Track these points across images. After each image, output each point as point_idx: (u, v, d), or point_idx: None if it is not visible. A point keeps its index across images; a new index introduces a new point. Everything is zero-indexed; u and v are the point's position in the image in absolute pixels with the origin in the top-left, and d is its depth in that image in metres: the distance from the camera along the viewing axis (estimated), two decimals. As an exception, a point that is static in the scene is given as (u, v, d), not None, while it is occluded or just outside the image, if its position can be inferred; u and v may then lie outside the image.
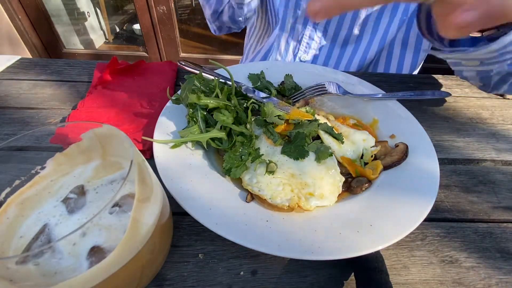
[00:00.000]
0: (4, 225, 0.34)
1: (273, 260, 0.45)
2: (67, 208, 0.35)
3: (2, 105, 0.70)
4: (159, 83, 0.76)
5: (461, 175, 0.60)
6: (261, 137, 0.56)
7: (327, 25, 0.96)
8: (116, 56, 0.80)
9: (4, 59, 0.84)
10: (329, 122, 0.59)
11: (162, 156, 0.51)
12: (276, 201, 0.46)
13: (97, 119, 0.63)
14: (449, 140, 0.68)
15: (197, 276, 0.42)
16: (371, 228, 0.42)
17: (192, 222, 0.47)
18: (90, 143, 0.39)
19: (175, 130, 0.57)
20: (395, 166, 0.53)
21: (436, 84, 0.87)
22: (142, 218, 0.31)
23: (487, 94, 0.84)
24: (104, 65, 0.79)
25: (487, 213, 0.53)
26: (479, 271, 0.45)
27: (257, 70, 0.72)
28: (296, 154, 0.51)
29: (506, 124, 0.74)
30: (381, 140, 0.60)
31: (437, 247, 0.47)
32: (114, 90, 0.73)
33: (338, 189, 0.49)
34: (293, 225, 0.43)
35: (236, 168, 0.50)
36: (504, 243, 0.49)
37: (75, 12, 2.79)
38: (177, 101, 0.60)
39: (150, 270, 0.38)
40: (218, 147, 0.55)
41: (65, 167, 0.40)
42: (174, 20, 2.52)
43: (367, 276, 0.40)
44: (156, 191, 0.35)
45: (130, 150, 0.31)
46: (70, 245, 0.27)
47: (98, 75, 0.77)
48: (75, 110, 0.66)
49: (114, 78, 0.76)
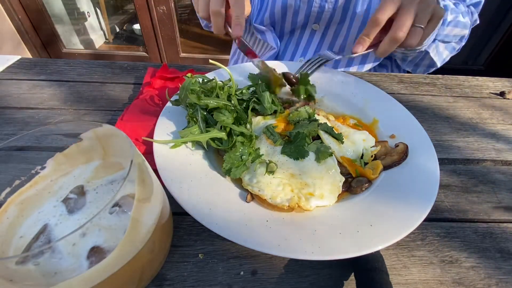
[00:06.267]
0: (4, 225, 0.34)
1: (273, 260, 0.45)
2: (67, 208, 0.35)
3: (2, 105, 0.70)
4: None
5: (461, 175, 0.60)
6: (261, 137, 0.56)
7: (323, 36, 0.95)
8: (151, 66, 0.77)
9: (4, 59, 0.84)
10: (329, 122, 0.59)
11: (162, 156, 0.51)
12: (276, 201, 0.46)
13: (139, 133, 0.60)
14: (449, 140, 0.68)
15: (197, 276, 0.42)
16: (371, 228, 0.42)
17: (192, 222, 0.47)
18: (90, 143, 0.39)
19: (175, 130, 0.57)
20: (395, 166, 0.53)
21: (436, 84, 0.87)
22: (142, 218, 0.31)
23: (487, 94, 0.84)
24: (154, 70, 0.79)
25: (487, 213, 0.53)
26: (479, 271, 0.45)
27: (257, 70, 0.72)
28: (296, 154, 0.51)
29: (506, 124, 0.74)
30: (381, 140, 0.60)
31: (437, 247, 0.47)
32: (152, 100, 0.70)
33: (338, 189, 0.49)
34: (293, 225, 0.43)
35: (236, 168, 0.50)
36: (504, 243, 0.49)
37: (75, 12, 2.79)
38: (177, 102, 0.60)
39: (150, 270, 0.38)
40: (218, 147, 0.55)
41: (65, 167, 0.40)
42: (174, 20, 2.52)
43: (367, 276, 0.40)
44: (156, 191, 0.35)
45: (130, 150, 0.31)
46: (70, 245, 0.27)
47: (147, 80, 0.76)
48: (120, 121, 0.64)
49: (160, 86, 0.75)
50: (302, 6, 0.89)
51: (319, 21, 0.92)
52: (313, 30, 0.96)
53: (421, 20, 0.62)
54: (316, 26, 0.94)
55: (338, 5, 0.86)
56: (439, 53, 0.87)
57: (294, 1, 0.88)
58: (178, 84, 0.76)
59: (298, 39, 0.99)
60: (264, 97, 0.61)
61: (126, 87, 0.78)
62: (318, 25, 0.93)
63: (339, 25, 0.92)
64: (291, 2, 0.88)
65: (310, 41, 0.98)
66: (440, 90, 0.85)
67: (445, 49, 0.88)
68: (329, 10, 0.88)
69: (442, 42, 0.84)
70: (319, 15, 0.90)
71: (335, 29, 0.93)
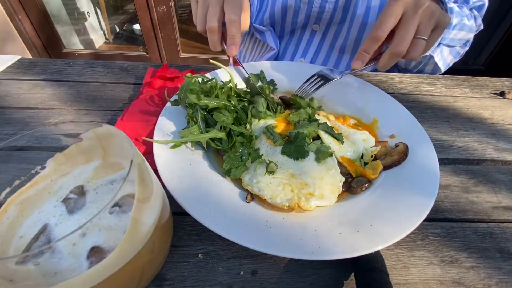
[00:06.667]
0: (4, 225, 0.34)
1: (273, 260, 0.45)
2: (67, 208, 0.35)
3: (2, 105, 0.70)
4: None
5: (461, 175, 0.60)
6: (261, 138, 0.56)
7: (323, 37, 0.95)
8: (151, 66, 0.77)
9: (4, 59, 0.84)
10: (329, 122, 0.59)
11: (162, 156, 0.51)
12: (276, 201, 0.46)
13: (139, 133, 0.60)
14: (449, 140, 0.68)
15: (197, 276, 0.42)
16: (371, 228, 0.42)
17: (192, 222, 0.47)
18: (90, 143, 0.39)
19: (175, 130, 0.57)
20: (395, 166, 0.53)
21: (436, 84, 0.87)
22: (142, 218, 0.31)
23: (487, 94, 0.84)
24: (154, 70, 0.79)
25: (487, 213, 0.53)
26: (479, 271, 0.45)
27: (257, 70, 0.72)
28: (296, 154, 0.51)
29: (506, 124, 0.74)
30: (381, 140, 0.60)
31: (437, 247, 0.47)
32: (152, 100, 0.70)
33: (338, 189, 0.49)
34: (293, 225, 0.43)
35: (236, 168, 0.50)
36: (504, 243, 0.49)
37: (75, 12, 2.79)
38: (176, 102, 0.60)
39: (150, 270, 0.38)
40: (217, 147, 0.55)
41: (65, 167, 0.40)
42: (174, 20, 2.52)
43: (367, 276, 0.40)
44: (156, 191, 0.35)
45: (130, 150, 0.31)
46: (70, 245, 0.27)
47: (147, 80, 0.76)
48: (120, 121, 0.64)
49: (159, 86, 0.75)
50: (303, 7, 0.89)
51: (320, 21, 0.92)
52: (313, 31, 0.96)
53: (424, 31, 0.59)
54: (317, 26, 0.94)
55: (338, 5, 0.86)
56: (444, 58, 0.85)
57: (294, 1, 0.88)
58: (178, 84, 0.76)
59: (298, 40, 0.99)
60: (259, 103, 0.61)
61: (126, 87, 0.78)
62: (318, 25, 0.93)
63: (339, 25, 0.91)
64: (291, 3, 0.88)
65: (311, 41, 0.97)
66: (440, 90, 0.85)
67: (450, 54, 0.86)
68: (330, 10, 0.87)
69: (447, 47, 0.82)
70: (319, 15, 0.89)
71: (336, 30, 0.93)
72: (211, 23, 0.63)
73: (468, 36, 0.82)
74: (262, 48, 1.04)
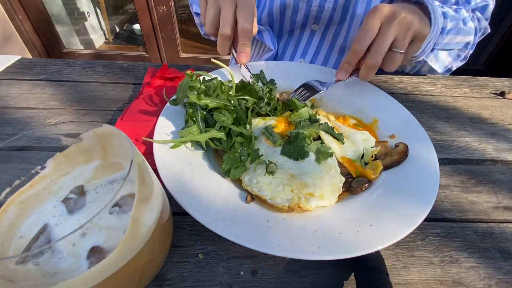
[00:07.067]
0: (4, 225, 0.34)
1: (273, 260, 0.45)
2: (67, 208, 0.35)
3: (2, 105, 0.70)
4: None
5: (461, 175, 0.60)
6: (260, 138, 0.56)
7: (323, 37, 0.95)
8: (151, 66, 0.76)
9: (4, 59, 0.84)
10: (329, 122, 0.59)
11: (162, 156, 0.51)
12: (276, 202, 0.46)
13: (139, 133, 0.60)
14: (449, 140, 0.68)
15: (197, 276, 0.42)
16: (371, 228, 0.42)
17: (192, 222, 0.47)
18: (90, 143, 0.39)
19: (175, 130, 0.57)
20: (395, 166, 0.53)
21: (436, 84, 0.87)
22: (142, 218, 0.31)
23: (487, 94, 0.84)
24: (154, 70, 0.79)
25: (487, 213, 0.53)
26: (479, 271, 0.45)
27: (257, 70, 0.72)
28: (296, 154, 0.51)
29: (506, 124, 0.74)
30: (381, 140, 0.60)
31: (437, 247, 0.47)
32: (153, 100, 0.70)
33: (339, 190, 0.49)
34: (293, 225, 0.43)
35: (235, 169, 0.50)
36: (504, 243, 0.49)
37: (75, 12, 2.79)
38: (175, 102, 0.60)
39: (150, 270, 0.38)
40: (217, 147, 0.55)
41: (65, 167, 0.40)
42: (174, 20, 2.52)
43: (367, 276, 0.40)
44: (156, 191, 0.35)
45: (130, 150, 0.31)
46: (70, 245, 0.27)
47: (147, 80, 0.76)
48: (120, 121, 0.63)
49: (159, 86, 0.75)
50: (301, 5, 0.88)
51: (319, 21, 0.91)
52: (312, 31, 0.95)
53: (400, 44, 0.61)
54: (316, 26, 0.93)
55: (338, 5, 0.86)
56: (441, 61, 0.84)
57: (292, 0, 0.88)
58: (177, 84, 0.76)
59: (298, 40, 0.98)
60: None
61: (126, 87, 0.78)
62: (317, 25, 0.93)
63: (339, 25, 0.91)
64: (289, 1, 0.87)
65: (310, 42, 0.97)
66: (440, 90, 0.85)
67: (448, 55, 0.85)
68: (329, 9, 0.87)
69: (444, 50, 0.82)
70: (318, 14, 0.89)
71: (335, 30, 0.92)
72: (224, 30, 0.62)
73: (467, 39, 0.81)
74: (261, 49, 1.04)
